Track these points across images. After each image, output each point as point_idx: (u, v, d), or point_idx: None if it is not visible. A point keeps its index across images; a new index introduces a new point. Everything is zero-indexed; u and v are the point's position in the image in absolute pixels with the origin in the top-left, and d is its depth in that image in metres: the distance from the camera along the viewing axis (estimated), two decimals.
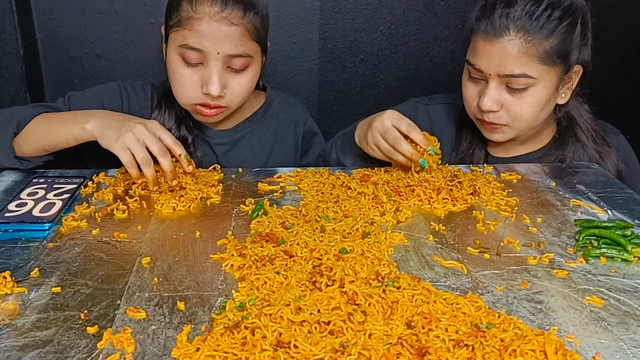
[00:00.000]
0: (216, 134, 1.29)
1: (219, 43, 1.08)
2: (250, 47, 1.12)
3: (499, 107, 1.13)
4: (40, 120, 1.10)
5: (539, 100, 1.13)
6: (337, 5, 1.73)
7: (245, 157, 1.30)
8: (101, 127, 1.03)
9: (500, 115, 1.14)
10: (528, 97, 1.12)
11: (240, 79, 1.14)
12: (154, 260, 0.82)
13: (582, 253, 0.85)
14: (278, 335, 0.64)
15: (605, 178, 1.14)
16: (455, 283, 0.78)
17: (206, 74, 1.11)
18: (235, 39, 1.09)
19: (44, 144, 1.08)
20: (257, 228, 0.91)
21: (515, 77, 1.09)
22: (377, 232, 0.90)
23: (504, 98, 1.13)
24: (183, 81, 1.13)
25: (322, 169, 1.15)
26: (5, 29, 1.55)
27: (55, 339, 0.65)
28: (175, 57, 1.12)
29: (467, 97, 1.19)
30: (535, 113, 1.14)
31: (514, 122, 1.15)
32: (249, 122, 1.31)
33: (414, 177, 1.08)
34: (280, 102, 1.36)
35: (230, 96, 1.15)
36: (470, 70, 1.16)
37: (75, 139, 1.06)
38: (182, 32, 1.10)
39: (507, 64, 1.09)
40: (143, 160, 0.99)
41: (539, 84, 1.11)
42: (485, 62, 1.11)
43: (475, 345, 0.63)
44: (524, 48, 1.08)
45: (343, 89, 1.83)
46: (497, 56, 1.09)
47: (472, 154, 1.27)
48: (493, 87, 1.12)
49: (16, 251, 0.84)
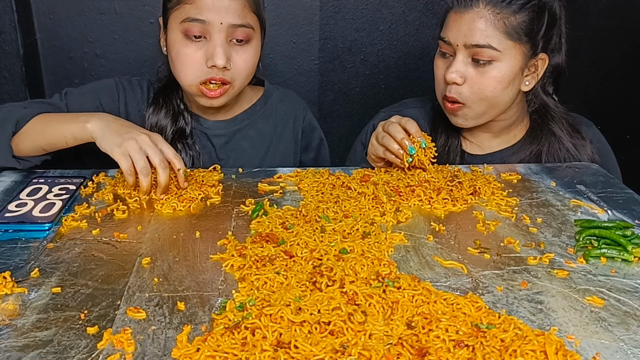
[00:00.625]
0: (214, 125, 1.28)
1: (222, 13, 1.11)
2: (252, 19, 1.15)
3: (462, 80, 1.15)
4: (39, 119, 1.09)
5: (502, 77, 1.14)
6: (337, 5, 1.73)
7: (244, 149, 1.30)
8: (102, 128, 1.02)
9: (461, 90, 1.16)
10: (492, 71, 1.14)
11: (243, 53, 1.16)
12: (154, 260, 0.82)
13: (582, 253, 0.85)
14: (278, 336, 0.64)
15: (605, 178, 1.14)
16: (456, 283, 0.78)
17: (210, 47, 1.12)
18: (238, 10, 1.12)
19: (42, 144, 1.08)
20: (257, 228, 0.91)
21: (480, 47, 1.13)
22: (377, 232, 0.90)
23: (468, 72, 1.15)
24: (186, 59, 1.13)
25: (322, 169, 1.15)
26: (5, 29, 1.55)
27: (55, 339, 0.65)
28: (177, 36, 1.14)
29: (437, 75, 1.22)
30: (498, 90, 1.16)
31: (474, 99, 1.16)
32: (247, 113, 1.31)
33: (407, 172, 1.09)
34: (279, 95, 1.36)
35: (234, 71, 1.15)
36: (441, 46, 1.19)
37: (74, 138, 1.05)
38: (184, 8, 1.12)
39: (474, 34, 1.12)
40: (143, 170, 0.98)
41: (503, 59, 1.14)
42: (454, 33, 1.15)
43: (475, 346, 0.63)
44: (491, 20, 1.12)
45: (343, 89, 1.83)
46: (466, 26, 1.13)
47: (448, 151, 1.28)
48: (459, 60, 1.15)
49: (16, 251, 0.84)
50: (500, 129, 1.28)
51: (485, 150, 1.29)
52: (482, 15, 1.12)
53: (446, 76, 1.16)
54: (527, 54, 1.16)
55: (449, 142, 1.28)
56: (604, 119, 1.60)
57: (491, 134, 1.29)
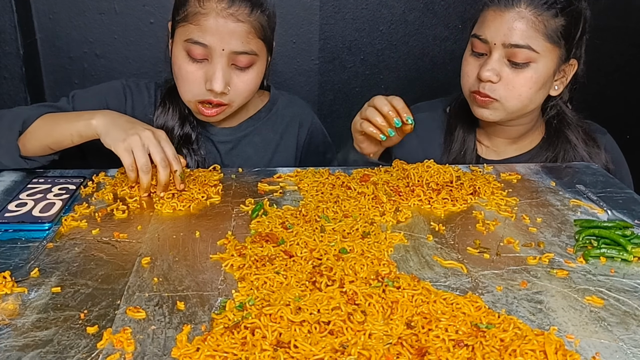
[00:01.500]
0: (220, 132, 1.29)
1: (224, 39, 1.09)
2: (256, 45, 1.13)
3: (497, 78, 1.15)
4: (45, 119, 1.10)
5: (538, 78, 1.15)
6: (337, 5, 1.73)
7: (249, 155, 1.30)
8: (107, 124, 1.02)
9: (495, 88, 1.16)
10: (528, 72, 1.14)
11: (244, 76, 1.15)
12: (154, 260, 0.82)
13: (582, 253, 0.85)
14: (278, 335, 0.64)
15: (605, 178, 1.14)
16: (455, 283, 0.78)
17: (210, 70, 1.11)
18: (242, 36, 1.10)
19: (48, 142, 1.08)
20: (257, 228, 0.91)
21: (519, 47, 1.12)
22: (377, 232, 0.90)
23: (504, 71, 1.15)
24: (187, 77, 1.13)
25: (322, 169, 1.15)
26: (5, 29, 1.56)
27: (55, 339, 0.65)
28: (180, 52, 1.13)
29: (467, 72, 1.21)
30: (532, 91, 1.16)
31: (508, 97, 1.16)
32: (252, 120, 1.31)
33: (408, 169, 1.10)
34: (284, 101, 1.36)
35: (233, 94, 1.15)
36: (474, 44, 1.18)
37: (79, 136, 1.05)
38: (188, 27, 1.10)
39: (514, 33, 1.12)
40: (144, 167, 0.98)
41: (540, 61, 1.14)
42: (493, 31, 1.14)
43: (475, 345, 0.63)
44: (532, 22, 1.12)
45: (343, 89, 1.83)
46: (506, 25, 1.13)
47: (464, 156, 1.28)
48: (495, 58, 1.15)
49: (16, 251, 0.84)
50: (517, 135, 1.28)
51: (501, 156, 1.29)
52: (523, 15, 1.12)
53: (481, 74, 1.15)
54: (562, 58, 1.17)
55: (465, 146, 1.28)
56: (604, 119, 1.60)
57: (508, 140, 1.29)
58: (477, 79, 1.17)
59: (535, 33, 1.12)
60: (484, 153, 1.29)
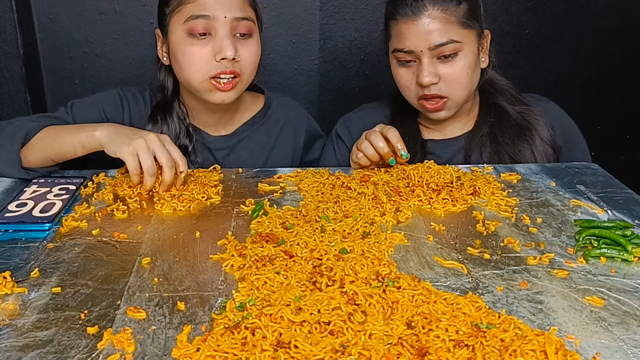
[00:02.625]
0: (216, 140, 1.30)
1: (225, 6, 1.14)
2: (251, 12, 1.19)
3: (437, 78, 1.19)
4: (48, 131, 1.10)
5: (469, 62, 1.20)
6: (337, 5, 1.73)
7: (244, 159, 1.31)
8: (110, 134, 1.03)
9: (440, 86, 1.20)
10: (459, 61, 1.19)
11: (248, 45, 1.18)
12: (154, 260, 0.82)
13: (582, 253, 0.85)
14: (278, 336, 0.64)
15: (605, 178, 1.14)
16: (456, 283, 0.78)
17: (217, 42, 1.14)
18: (239, 3, 1.16)
19: (51, 154, 1.08)
20: (257, 228, 0.91)
21: (444, 45, 1.17)
22: (377, 232, 0.90)
23: (439, 69, 1.19)
24: (194, 57, 1.15)
25: (322, 169, 1.15)
26: (5, 29, 1.55)
27: (56, 339, 0.65)
28: (181, 37, 1.15)
29: (404, 84, 1.25)
30: (469, 76, 1.21)
31: (453, 90, 1.21)
32: (248, 125, 1.33)
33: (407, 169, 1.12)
34: (278, 104, 1.37)
35: (242, 63, 1.17)
36: (399, 57, 1.23)
37: (83, 147, 1.05)
38: (186, 7, 1.14)
39: (434, 35, 1.17)
40: (149, 170, 0.99)
41: (465, 47, 1.19)
42: (414, 40, 1.18)
43: (475, 346, 0.63)
44: (443, 18, 1.17)
45: (343, 89, 1.83)
46: (423, 31, 1.17)
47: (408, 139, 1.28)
48: (427, 62, 1.19)
49: (16, 251, 0.84)
50: (461, 112, 1.31)
51: (447, 135, 1.33)
52: (434, 16, 1.17)
53: (421, 81, 1.19)
54: (478, 35, 1.22)
55: (408, 130, 1.31)
56: (604, 119, 1.61)
57: (452, 118, 1.31)
58: (419, 86, 1.21)
59: (450, 26, 1.17)
60: (429, 135, 1.33)
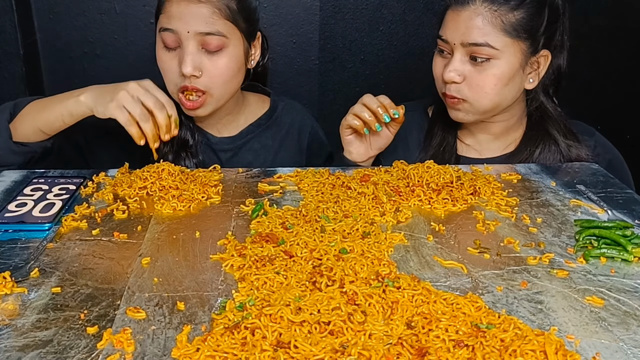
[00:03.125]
0: (221, 141, 1.30)
1: (188, 22, 1.11)
2: (223, 26, 1.13)
3: (461, 78, 1.15)
4: (36, 102, 1.11)
5: (502, 74, 1.14)
6: (337, 5, 1.73)
7: (249, 161, 1.30)
8: (95, 96, 1.03)
9: (460, 88, 1.16)
10: (491, 69, 1.14)
11: (216, 60, 1.14)
12: (154, 260, 0.82)
13: (582, 253, 0.85)
14: (278, 336, 0.64)
15: (605, 178, 1.14)
16: (456, 283, 0.78)
17: (181, 55, 1.13)
18: (205, 17, 1.11)
19: (40, 125, 1.08)
20: (257, 228, 0.91)
21: (478, 46, 1.12)
22: (377, 232, 0.90)
23: (466, 70, 1.15)
24: (164, 66, 1.17)
25: (322, 169, 1.15)
26: (5, 29, 1.56)
27: (55, 339, 0.65)
28: (158, 44, 1.17)
29: (436, 73, 1.21)
30: (498, 88, 1.15)
31: (475, 96, 1.16)
32: (253, 127, 1.32)
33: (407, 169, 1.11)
34: (284, 107, 1.37)
35: (207, 79, 1.14)
36: (439, 44, 1.19)
37: (70, 115, 1.06)
38: (161, 18, 1.15)
39: (472, 32, 1.12)
40: (141, 116, 0.99)
41: (502, 57, 1.13)
42: (452, 31, 1.15)
43: (475, 346, 0.63)
44: (488, 18, 1.11)
45: (343, 89, 1.83)
46: (463, 25, 1.13)
47: (443, 152, 1.27)
48: (457, 59, 1.15)
49: (16, 251, 0.84)
50: (500, 130, 1.27)
51: (482, 155, 1.28)
52: (480, 12, 1.12)
53: (444, 75, 1.16)
54: (528, 51, 1.15)
55: (444, 143, 1.28)
56: (604, 119, 1.61)
57: (490, 136, 1.28)
58: (443, 81, 1.18)
59: (492, 29, 1.11)
60: (464, 151, 1.29)
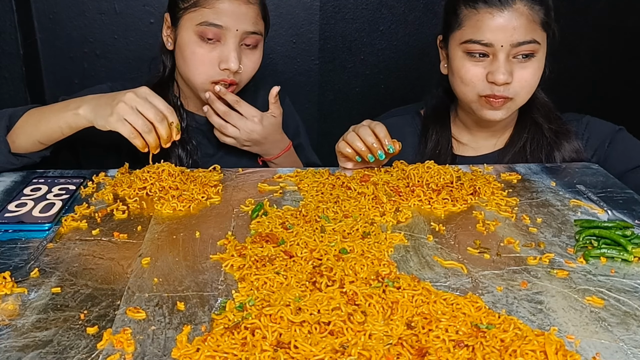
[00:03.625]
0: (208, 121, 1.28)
1: (239, 20, 1.16)
2: (262, 25, 1.23)
3: (511, 78, 1.15)
4: (32, 112, 1.10)
5: (540, 67, 1.17)
6: (337, 5, 1.73)
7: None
8: (93, 109, 1.03)
9: (509, 87, 1.16)
10: (533, 63, 1.16)
11: (252, 56, 1.22)
12: (154, 260, 0.82)
13: (582, 253, 0.85)
14: (278, 336, 0.64)
15: (605, 178, 1.14)
16: (456, 283, 0.78)
17: (225, 51, 1.17)
18: (253, 17, 1.18)
19: (38, 137, 1.08)
20: (257, 228, 0.91)
21: (526, 44, 1.13)
22: (377, 232, 0.90)
23: (514, 69, 1.15)
24: (201, 59, 1.18)
25: (322, 169, 1.15)
26: (5, 29, 1.56)
27: (55, 339, 0.65)
28: (191, 37, 1.17)
29: (470, 78, 1.18)
30: (537, 80, 1.18)
31: (522, 92, 1.17)
32: None
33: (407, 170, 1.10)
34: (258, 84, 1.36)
35: (243, 73, 1.21)
36: (472, 49, 1.16)
37: (69, 127, 1.05)
38: (201, 11, 1.16)
39: (519, 32, 1.12)
40: (144, 128, 0.99)
41: (540, 51, 1.16)
42: (496, 34, 1.13)
43: (475, 346, 0.63)
44: (529, 15, 1.13)
45: (343, 89, 1.83)
46: (510, 25, 1.12)
47: (439, 154, 1.28)
48: (503, 59, 1.14)
49: (16, 251, 0.84)
50: (500, 126, 1.28)
51: (478, 152, 1.30)
52: (522, 11, 1.13)
53: (496, 79, 1.13)
54: (551, 40, 1.19)
55: (439, 145, 1.29)
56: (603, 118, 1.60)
57: (489, 133, 1.29)
58: (489, 83, 1.15)
59: (534, 25, 1.14)
60: (460, 150, 1.31)
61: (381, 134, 1.10)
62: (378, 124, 1.12)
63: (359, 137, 1.11)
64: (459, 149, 1.30)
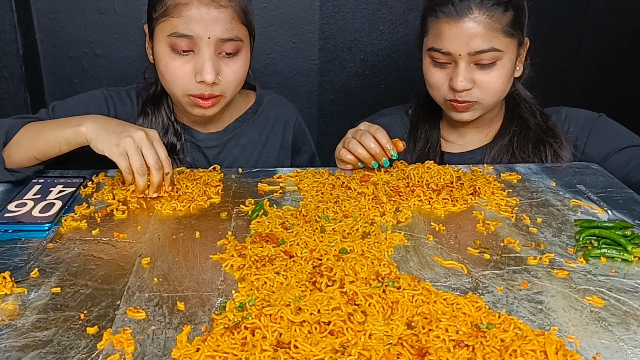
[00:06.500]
0: (207, 137, 1.28)
1: (209, 27, 1.07)
2: (240, 30, 1.12)
3: (471, 85, 1.17)
4: (29, 128, 1.07)
5: (507, 72, 1.18)
6: (337, 5, 1.73)
7: (235, 157, 1.29)
8: (97, 129, 1.00)
9: (472, 92, 1.18)
10: (497, 70, 1.17)
11: (232, 64, 1.13)
12: (154, 260, 0.82)
13: (582, 253, 0.85)
14: (278, 336, 0.64)
15: (605, 178, 1.14)
16: (456, 283, 0.78)
17: (199, 62, 1.09)
18: (226, 23, 1.09)
19: (34, 152, 1.05)
20: (257, 228, 0.91)
21: (484, 52, 1.14)
22: (377, 232, 0.90)
23: (474, 75, 1.17)
24: (175, 72, 1.11)
25: (322, 169, 1.15)
26: (5, 29, 1.55)
27: (55, 339, 0.65)
28: (164, 49, 1.11)
29: (435, 83, 1.22)
30: (504, 85, 1.19)
31: (485, 96, 1.19)
32: (238, 122, 1.31)
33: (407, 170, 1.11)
34: (269, 101, 1.35)
35: (224, 83, 1.13)
36: (435, 57, 1.19)
37: (68, 144, 1.03)
38: (170, 21, 1.08)
39: (476, 41, 1.13)
40: (140, 170, 0.97)
41: (504, 57, 1.16)
42: (454, 43, 1.15)
43: (475, 346, 0.63)
44: (488, 24, 1.13)
45: (343, 89, 1.83)
46: (466, 35, 1.14)
47: (428, 152, 1.30)
48: (463, 67, 1.16)
49: (16, 251, 0.84)
50: (485, 122, 1.30)
51: (466, 148, 1.31)
52: (479, 20, 1.13)
53: (455, 86, 1.16)
54: (518, 44, 1.20)
55: (428, 143, 1.31)
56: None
57: (476, 129, 1.31)
58: (451, 89, 1.19)
59: (494, 33, 1.14)
60: (448, 148, 1.32)
61: (383, 140, 1.11)
62: (378, 128, 1.12)
63: (361, 144, 1.11)
64: (446, 146, 1.33)
